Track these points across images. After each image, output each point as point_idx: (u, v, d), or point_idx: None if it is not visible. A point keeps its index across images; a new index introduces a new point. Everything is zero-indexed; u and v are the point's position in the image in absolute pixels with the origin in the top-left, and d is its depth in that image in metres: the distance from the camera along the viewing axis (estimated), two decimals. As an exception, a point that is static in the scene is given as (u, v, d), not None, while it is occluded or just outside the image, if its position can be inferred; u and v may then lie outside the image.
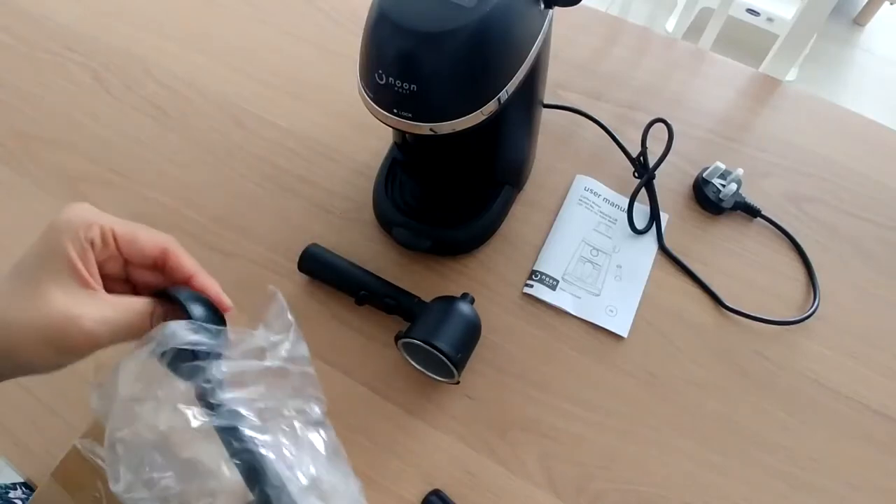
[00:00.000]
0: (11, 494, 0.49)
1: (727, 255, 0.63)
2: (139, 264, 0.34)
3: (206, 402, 0.30)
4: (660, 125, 0.65)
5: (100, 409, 0.30)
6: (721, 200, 0.64)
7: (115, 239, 0.32)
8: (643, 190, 0.65)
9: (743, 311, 0.59)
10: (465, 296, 0.55)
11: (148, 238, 0.33)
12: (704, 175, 0.66)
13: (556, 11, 0.48)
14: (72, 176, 0.67)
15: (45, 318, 0.28)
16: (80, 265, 0.29)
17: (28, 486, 0.50)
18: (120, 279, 0.34)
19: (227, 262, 0.62)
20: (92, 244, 0.30)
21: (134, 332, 0.30)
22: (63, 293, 0.29)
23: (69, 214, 0.31)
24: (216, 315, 0.33)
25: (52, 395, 0.55)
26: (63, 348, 0.28)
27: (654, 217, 0.64)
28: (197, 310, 0.31)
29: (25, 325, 0.28)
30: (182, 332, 0.29)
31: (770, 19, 1.83)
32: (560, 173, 0.67)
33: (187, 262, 0.34)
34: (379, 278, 0.58)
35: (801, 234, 0.64)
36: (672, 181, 0.67)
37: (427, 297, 0.55)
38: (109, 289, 0.32)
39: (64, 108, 0.73)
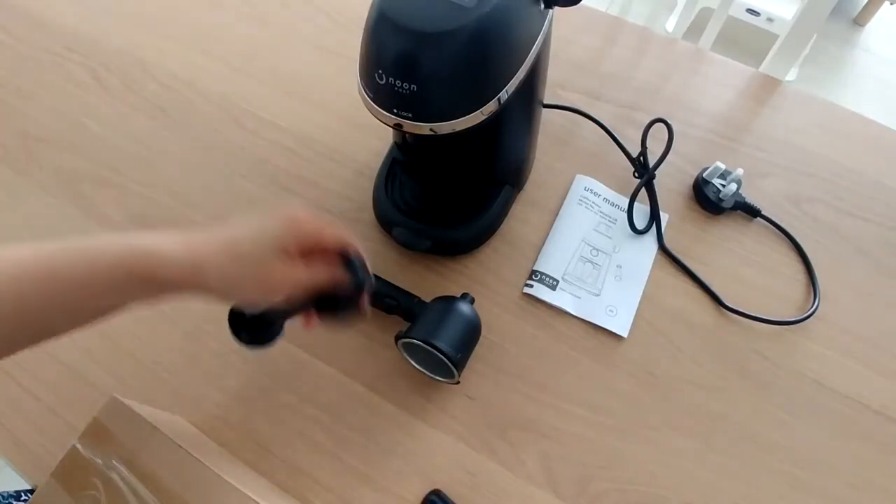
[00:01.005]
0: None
1: (727, 255, 0.63)
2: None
3: None
4: (660, 125, 0.65)
5: None
6: (721, 200, 0.64)
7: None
8: (643, 190, 0.65)
9: (743, 311, 0.59)
10: (465, 296, 0.55)
11: (332, 236, 0.42)
12: (704, 175, 0.66)
13: (556, 11, 0.48)
14: (72, 176, 0.67)
15: (228, 239, 0.38)
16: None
17: (33, 493, 0.50)
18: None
19: (227, 262, 0.62)
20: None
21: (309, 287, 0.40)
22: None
23: (290, 213, 0.40)
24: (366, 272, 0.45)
25: (52, 395, 0.55)
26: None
27: (654, 217, 0.64)
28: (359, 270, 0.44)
29: (217, 244, 0.37)
30: None
31: (770, 19, 1.82)
32: (560, 173, 0.67)
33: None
34: (379, 278, 0.57)
35: (801, 234, 0.64)
36: (672, 181, 0.67)
37: (427, 297, 0.55)
38: None
39: (64, 108, 0.73)
